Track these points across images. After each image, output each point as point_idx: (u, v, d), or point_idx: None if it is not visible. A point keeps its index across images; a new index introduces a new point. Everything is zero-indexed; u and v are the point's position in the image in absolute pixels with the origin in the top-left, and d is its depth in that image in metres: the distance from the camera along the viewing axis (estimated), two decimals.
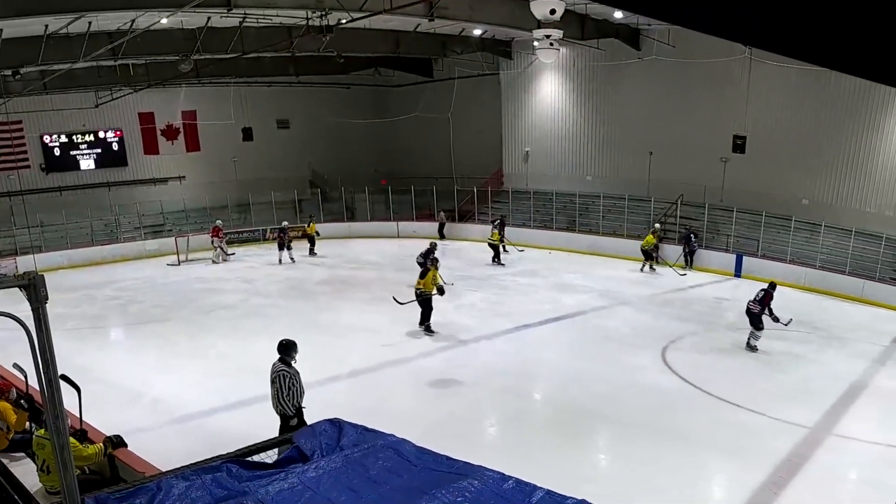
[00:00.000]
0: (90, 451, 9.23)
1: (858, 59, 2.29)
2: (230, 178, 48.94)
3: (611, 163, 42.68)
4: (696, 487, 13.54)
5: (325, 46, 31.47)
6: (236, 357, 21.42)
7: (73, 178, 44.54)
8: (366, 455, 6.88)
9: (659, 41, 37.44)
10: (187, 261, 38.70)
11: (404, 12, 28.72)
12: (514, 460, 10.93)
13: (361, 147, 54.62)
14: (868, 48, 2.21)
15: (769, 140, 34.78)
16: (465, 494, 5.95)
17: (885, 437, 15.50)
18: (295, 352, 12.96)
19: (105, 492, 6.09)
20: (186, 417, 16.46)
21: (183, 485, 6.20)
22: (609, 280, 32.61)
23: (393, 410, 16.23)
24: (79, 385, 9.53)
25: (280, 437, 7.52)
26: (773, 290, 21.70)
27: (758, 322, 21.31)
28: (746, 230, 35.46)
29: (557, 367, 20.98)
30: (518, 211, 44.90)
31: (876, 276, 30.01)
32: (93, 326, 26.21)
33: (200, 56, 32.96)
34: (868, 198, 32.44)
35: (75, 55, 29.46)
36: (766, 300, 21.29)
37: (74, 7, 25.15)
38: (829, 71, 23.88)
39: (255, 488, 6.18)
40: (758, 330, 21.35)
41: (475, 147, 49.57)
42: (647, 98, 39.70)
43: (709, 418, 16.71)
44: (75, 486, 5.48)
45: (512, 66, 45.88)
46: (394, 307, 24.99)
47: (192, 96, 47.10)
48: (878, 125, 31.33)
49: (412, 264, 33.05)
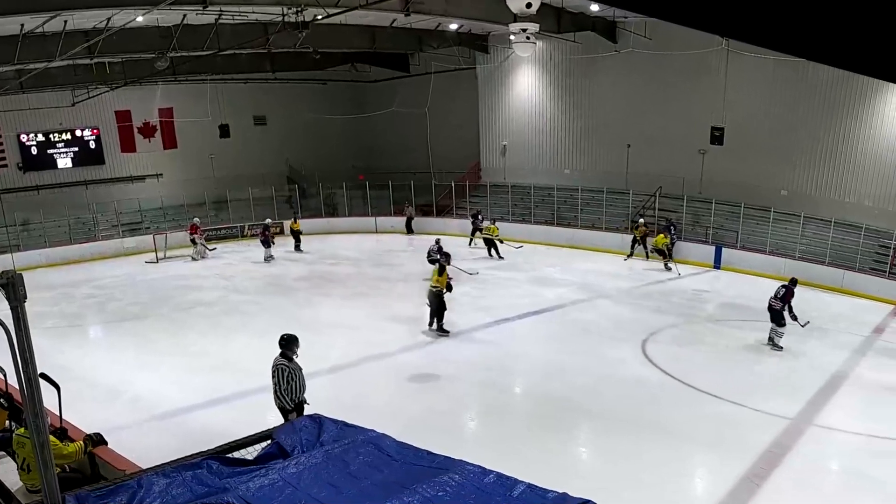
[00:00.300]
0: (70, 449, 9.20)
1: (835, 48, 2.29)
2: (207, 175, 48.74)
3: (589, 156, 42.78)
4: (677, 480, 13.54)
5: (301, 43, 31.51)
6: (216, 354, 21.39)
7: (51, 176, 44.34)
8: (346, 450, 6.87)
9: (635, 33, 37.53)
10: (165, 258, 38.54)
11: (380, 7, 28.72)
12: (495, 454, 10.92)
13: (339, 143, 54.67)
14: (845, 37, 2.21)
15: (747, 131, 34.90)
16: (445, 489, 5.95)
17: (866, 428, 15.56)
18: (296, 346, 12.96)
19: (85, 490, 6.06)
20: (166, 415, 16.39)
21: (163, 482, 6.18)
22: (588, 273, 32.68)
23: (373, 405, 16.22)
24: (58, 383, 9.51)
25: (260, 433, 7.50)
26: (794, 287, 21.52)
27: (780, 319, 21.10)
28: (725, 221, 35.58)
29: (538, 360, 21.01)
30: (496, 205, 44.86)
31: (856, 267, 30.16)
32: (72, 325, 26.11)
33: (176, 53, 32.94)
34: (847, 188, 32.61)
35: (51, 54, 29.36)
36: (788, 297, 21.04)
37: (50, 6, 25.04)
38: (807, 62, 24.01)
39: (236, 485, 6.17)
40: (780, 327, 21.09)
41: (452, 141, 49.65)
42: (625, 90, 39.79)
43: (690, 410, 16.73)
44: (56, 484, 5.47)
45: (488, 60, 45.90)
46: (373, 302, 25.04)
47: (169, 94, 46.92)
48: (857, 115, 31.50)
49: (390, 259, 33.11)
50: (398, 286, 30.64)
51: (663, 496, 12.60)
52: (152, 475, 6.31)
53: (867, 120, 31.32)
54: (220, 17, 30.90)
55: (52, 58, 29.70)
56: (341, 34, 37.38)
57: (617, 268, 34.06)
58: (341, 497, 6.00)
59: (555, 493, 5.79)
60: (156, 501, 5.88)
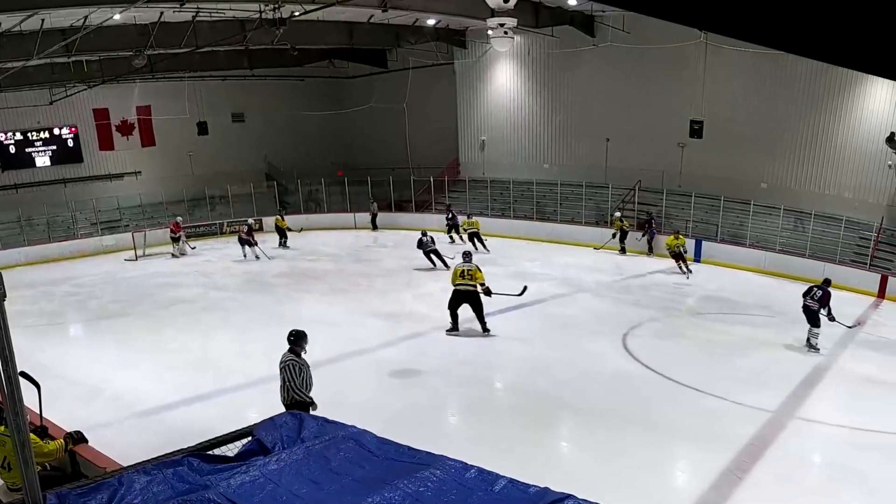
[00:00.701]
0: (51, 447, 9.19)
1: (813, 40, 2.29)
2: (186, 172, 48.77)
3: (568, 150, 42.85)
4: (660, 474, 13.57)
5: (279, 39, 31.44)
6: (196, 351, 21.33)
7: (29, 175, 44.15)
8: (327, 447, 6.86)
9: (613, 27, 37.56)
10: (145, 256, 38.45)
11: (357, 3, 28.88)
12: (476, 449, 10.97)
13: (317, 139, 54.74)
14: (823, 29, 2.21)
15: (726, 124, 35.02)
16: (427, 484, 5.94)
17: (849, 420, 15.62)
18: (305, 342, 12.91)
19: (66, 488, 6.04)
20: (147, 412, 16.33)
21: (144, 479, 6.16)
22: (568, 267, 32.74)
23: (354, 402, 16.14)
24: (38, 382, 9.47)
25: (241, 430, 7.48)
26: (828, 287, 21.29)
27: (815, 320, 20.94)
28: (705, 215, 35.69)
29: (518, 355, 20.97)
30: (475, 200, 44.96)
31: (836, 259, 30.26)
32: (51, 323, 25.99)
33: (154, 51, 32.90)
34: (827, 180, 32.74)
35: (29, 52, 29.25)
36: (826, 299, 20.71)
37: (27, 5, 24.96)
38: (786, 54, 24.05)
39: (217, 481, 6.15)
40: (815, 327, 20.83)
41: (431, 137, 49.72)
42: (603, 85, 39.89)
43: (671, 404, 16.74)
44: (37, 482, 5.44)
45: (466, 55, 45.99)
46: (353, 298, 25.08)
47: (147, 92, 46.74)
48: (836, 107, 31.64)
49: (369, 255, 33.14)
50: (378, 282, 30.62)
51: (646, 490, 12.58)
52: (133, 473, 6.29)
53: (847, 112, 31.44)
54: (197, 15, 30.84)
55: (30, 56, 29.60)
56: (319, 30, 37.35)
57: (597, 261, 34.17)
58: (322, 493, 5.99)
59: (536, 488, 5.79)
60: (137, 499, 5.86)
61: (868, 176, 31.29)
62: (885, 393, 17.78)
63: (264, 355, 19.37)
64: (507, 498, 5.71)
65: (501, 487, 5.85)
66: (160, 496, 5.95)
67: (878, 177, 31.10)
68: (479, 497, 5.74)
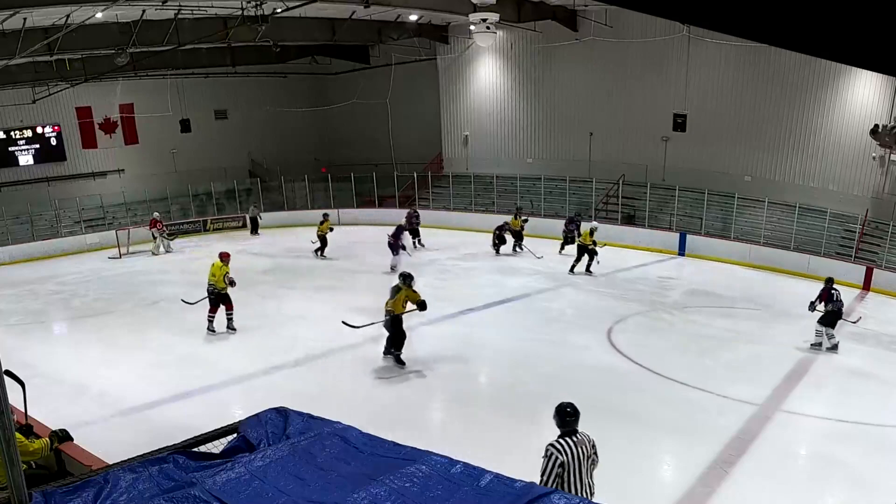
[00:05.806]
0: (36, 445, 9.15)
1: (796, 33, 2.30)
2: (169, 169, 48.68)
3: (551, 145, 42.91)
4: (646, 468, 13.59)
5: (261, 36, 31.33)
6: (180, 348, 21.26)
7: (12, 174, 43.92)
8: (312, 443, 6.84)
9: (596, 22, 37.61)
10: (129, 253, 38.26)
11: None
12: (462, 444, 10.95)
13: (301, 136, 54.68)
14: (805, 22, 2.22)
15: (710, 118, 35.15)
16: (413, 480, 5.93)
17: (834, 413, 15.75)
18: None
19: (52, 486, 6.02)
20: (132, 410, 16.28)
21: (130, 477, 6.14)
22: (553, 262, 32.68)
23: (339, 397, 16.19)
24: (23, 380, 9.44)
25: (226, 427, 7.46)
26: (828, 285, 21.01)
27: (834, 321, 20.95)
28: (689, 209, 35.73)
29: (503, 349, 21.06)
30: (458, 195, 45.00)
31: (821, 252, 30.43)
32: (36, 321, 25.87)
33: (136, 49, 32.79)
34: (812, 173, 32.87)
35: (11, 51, 29.19)
36: (823, 294, 20.61)
37: (8, 4, 24.89)
38: (769, 47, 24.18)
39: (203, 478, 6.13)
40: (831, 328, 20.95)
41: (414, 132, 49.93)
42: (586, 79, 39.96)
43: (657, 398, 16.81)
44: (22, 481, 5.43)
45: (449, 50, 45.98)
46: (337, 294, 25.06)
47: (130, 89, 46.47)
48: (820, 99, 31.78)
49: (354, 251, 33.05)
50: (362, 278, 30.58)
51: (632, 484, 12.57)
52: (119, 470, 6.27)
53: (830, 104, 31.57)
54: (179, 12, 30.79)
55: (12, 55, 29.52)
56: (301, 27, 37.37)
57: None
58: (308, 489, 5.98)
59: (522, 483, 5.78)
60: (122, 496, 5.85)
61: (853, 168, 31.42)
62: (871, 385, 17.91)
63: (249, 352, 19.36)
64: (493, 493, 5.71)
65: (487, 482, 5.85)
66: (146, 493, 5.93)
67: (862, 169, 31.24)
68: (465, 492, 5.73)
